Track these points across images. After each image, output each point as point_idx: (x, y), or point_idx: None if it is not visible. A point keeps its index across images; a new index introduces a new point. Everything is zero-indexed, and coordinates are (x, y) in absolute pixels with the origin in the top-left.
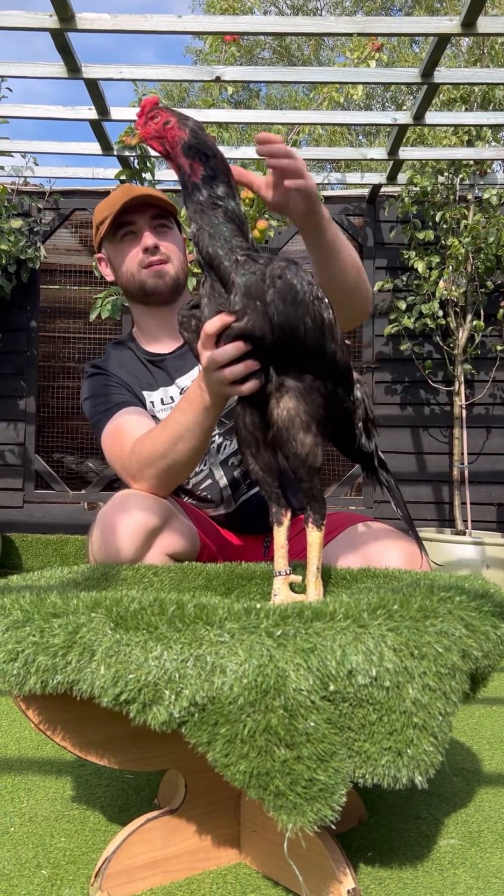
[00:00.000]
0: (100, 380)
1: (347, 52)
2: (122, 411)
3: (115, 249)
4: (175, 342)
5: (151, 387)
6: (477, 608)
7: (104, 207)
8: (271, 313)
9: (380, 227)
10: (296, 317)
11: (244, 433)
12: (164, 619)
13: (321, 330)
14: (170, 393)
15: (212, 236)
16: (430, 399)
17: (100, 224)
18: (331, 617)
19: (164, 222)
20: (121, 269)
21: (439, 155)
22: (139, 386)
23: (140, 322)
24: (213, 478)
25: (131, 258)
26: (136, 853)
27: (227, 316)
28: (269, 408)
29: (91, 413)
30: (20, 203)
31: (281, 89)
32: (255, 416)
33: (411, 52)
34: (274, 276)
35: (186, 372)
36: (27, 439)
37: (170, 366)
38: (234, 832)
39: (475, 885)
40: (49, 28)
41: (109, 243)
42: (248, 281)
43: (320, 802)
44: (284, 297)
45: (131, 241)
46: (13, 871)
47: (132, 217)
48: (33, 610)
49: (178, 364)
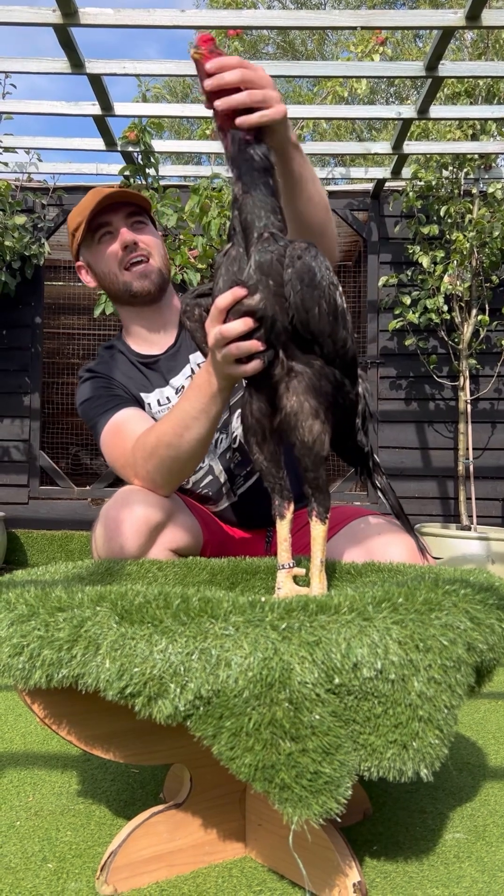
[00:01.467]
0: (97, 382)
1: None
2: (120, 410)
3: (94, 253)
4: (167, 340)
5: (147, 388)
6: (482, 601)
7: (77, 213)
8: (288, 293)
9: (384, 222)
10: (312, 299)
11: (251, 420)
12: (169, 613)
13: (335, 315)
14: (165, 394)
15: (254, 203)
16: (434, 394)
17: (75, 230)
18: (336, 610)
19: (140, 219)
20: (102, 272)
21: (444, 149)
22: (135, 388)
23: (128, 324)
24: (213, 473)
25: (111, 257)
26: (141, 847)
27: (239, 289)
28: (278, 393)
29: (89, 415)
30: (24, 199)
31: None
32: (263, 404)
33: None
34: (294, 256)
35: (179, 371)
36: (32, 436)
37: (163, 366)
38: (239, 826)
39: (481, 879)
40: (52, 23)
41: (87, 248)
42: (264, 259)
43: (326, 795)
44: (302, 277)
45: (109, 242)
46: (19, 865)
47: (107, 218)
48: (38, 604)
49: (171, 364)
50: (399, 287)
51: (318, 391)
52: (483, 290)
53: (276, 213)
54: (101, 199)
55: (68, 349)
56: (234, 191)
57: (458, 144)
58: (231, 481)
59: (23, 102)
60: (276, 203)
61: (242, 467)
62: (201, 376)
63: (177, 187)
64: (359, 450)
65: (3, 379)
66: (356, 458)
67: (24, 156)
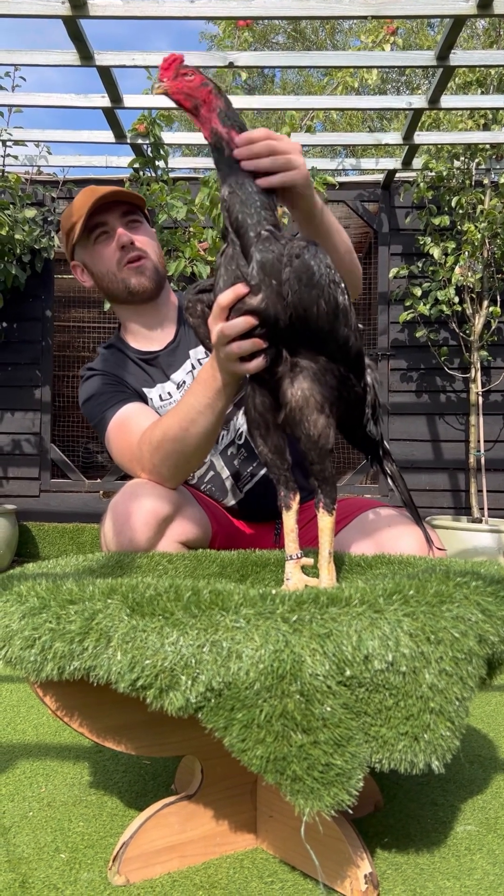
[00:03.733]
0: (99, 379)
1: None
2: (125, 405)
3: (91, 253)
4: (166, 336)
5: (149, 384)
6: (493, 593)
7: (71, 214)
8: (285, 292)
9: (395, 213)
10: (310, 298)
11: (253, 414)
12: (180, 605)
13: (335, 313)
14: (167, 389)
15: (243, 203)
16: (445, 386)
17: (70, 230)
18: (346, 602)
19: (135, 217)
20: (100, 272)
21: (455, 139)
22: (137, 384)
23: (127, 322)
24: (215, 469)
25: (108, 258)
26: (153, 838)
27: (242, 287)
28: (283, 388)
29: (94, 412)
30: (34, 192)
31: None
32: (266, 398)
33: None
34: (292, 255)
35: (179, 366)
36: (43, 428)
37: (163, 362)
38: (250, 817)
39: (492, 871)
40: (61, 15)
41: (83, 248)
42: (265, 258)
43: (337, 787)
44: (300, 277)
45: (105, 242)
46: (32, 855)
47: (102, 217)
48: (50, 597)
49: (171, 360)
50: (410, 278)
51: (322, 385)
52: (495, 282)
53: (267, 208)
54: (96, 200)
55: (79, 342)
56: (221, 193)
57: (469, 134)
58: (237, 479)
59: (32, 95)
60: (266, 199)
61: (248, 463)
62: (206, 371)
63: (186, 179)
64: (369, 439)
65: (13, 372)
66: (367, 446)
67: (34, 149)
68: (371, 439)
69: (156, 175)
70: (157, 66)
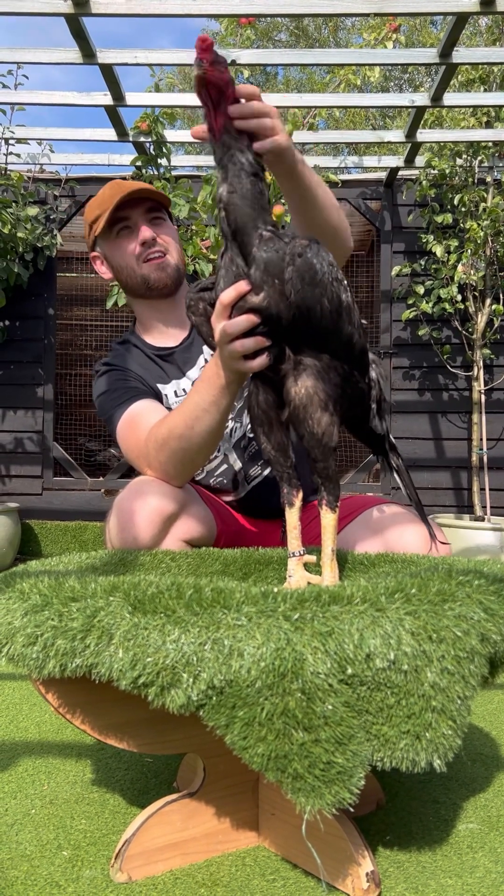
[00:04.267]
0: (114, 375)
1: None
2: (136, 402)
3: (112, 246)
4: (181, 333)
5: (164, 380)
6: (496, 592)
7: (96, 205)
8: (288, 291)
9: (397, 211)
10: (313, 297)
11: (257, 411)
12: (182, 603)
13: (338, 311)
14: (182, 385)
15: (243, 204)
16: (448, 384)
17: (93, 222)
18: (348, 601)
19: (158, 215)
20: (119, 266)
21: (458, 137)
22: (152, 379)
23: (143, 317)
24: (228, 462)
25: (130, 253)
26: (155, 835)
27: (244, 285)
28: (286, 386)
29: (105, 408)
30: (36, 191)
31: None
32: (269, 395)
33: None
34: (295, 253)
35: (195, 363)
36: (45, 427)
37: (178, 359)
38: (252, 815)
39: (494, 870)
40: (63, 13)
41: (105, 241)
42: (270, 258)
43: (338, 785)
44: (303, 275)
45: (128, 237)
46: (35, 853)
47: (126, 212)
48: (52, 594)
49: (187, 356)
50: (412, 276)
51: (326, 383)
52: (497, 280)
53: (266, 210)
54: (124, 195)
55: (81, 340)
56: (219, 193)
57: (472, 132)
58: (246, 472)
59: (35, 93)
60: (265, 202)
61: (258, 457)
62: (210, 370)
63: (189, 177)
64: (375, 434)
65: (16, 370)
66: (372, 441)
67: (37, 147)
68: (376, 434)
69: (158, 173)
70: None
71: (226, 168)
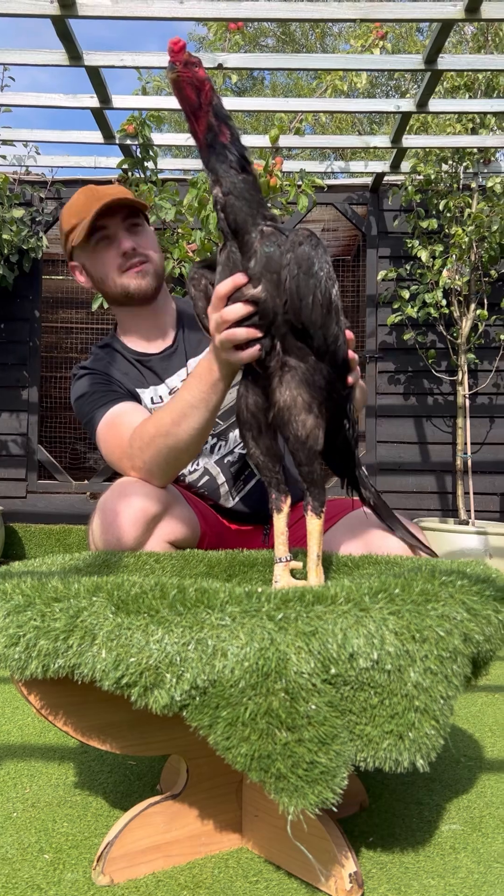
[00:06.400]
0: (92, 378)
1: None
2: (117, 404)
3: (92, 257)
4: (162, 341)
5: (143, 384)
6: (478, 592)
7: (71, 214)
8: (284, 276)
9: (383, 216)
10: (307, 286)
11: (246, 415)
12: (166, 603)
13: (328, 307)
14: (159, 392)
15: (239, 202)
16: (433, 388)
17: (70, 231)
18: (332, 600)
19: (136, 221)
20: (99, 276)
21: (443, 143)
22: (131, 384)
23: (125, 324)
24: (210, 474)
25: (110, 263)
26: (138, 838)
27: (241, 277)
28: (272, 387)
29: (85, 410)
30: (22, 192)
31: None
32: (259, 398)
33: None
34: (296, 242)
35: (174, 372)
36: (30, 429)
37: (157, 366)
38: (235, 817)
39: (476, 870)
40: (50, 14)
41: (83, 251)
42: (272, 252)
43: (321, 785)
44: (300, 263)
45: (107, 247)
46: (16, 856)
47: (104, 221)
48: (34, 594)
49: (166, 365)
50: (398, 281)
51: (311, 386)
52: (482, 285)
53: (262, 204)
54: (101, 207)
55: (66, 343)
56: (214, 194)
57: (457, 138)
58: (231, 485)
59: (21, 95)
60: (258, 194)
61: (241, 472)
62: (202, 366)
63: (176, 181)
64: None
65: (1, 373)
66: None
67: (23, 149)
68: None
69: (144, 176)
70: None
71: (215, 170)
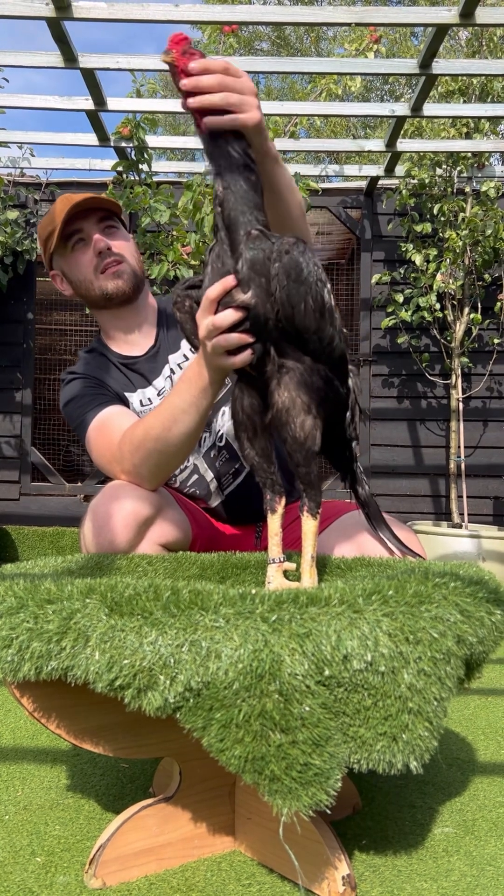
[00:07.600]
0: (81, 382)
1: (346, 43)
2: (106, 408)
3: (69, 261)
4: (146, 341)
5: (130, 388)
6: (472, 594)
7: (47, 222)
8: (274, 287)
9: (377, 220)
10: (298, 294)
11: (241, 416)
12: (159, 605)
13: (321, 311)
14: (147, 394)
15: (236, 199)
16: (427, 392)
17: (47, 239)
18: (326, 602)
19: (111, 223)
20: (77, 280)
21: (437, 147)
22: (119, 388)
23: (107, 327)
24: (199, 472)
25: (86, 265)
26: (130, 840)
27: (231, 280)
28: (270, 389)
29: (74, 415)
30: (16, 194)
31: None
32: (254, 400)
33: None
34: (282, 251)
35: (159, 372)
36: (23, 431)
37: (143, 368)
38: (228, 820)
39: (469, 873)
40: (45, 16)
41: (61, 257)
42: (256, 256)
43: (315, 787)
44: (289, 272)
45: (83, 249)
46: (7, 859)
47: (79, 224)
48: (27, 596)
49: (152, 365)
50: (392, 285)
51: (309, 387)
52: (475, 289)
53: (259, 208)
54: (71, 207)
55: (60, 345)
56: (215, 188)
57: (451, 142)
58: (219, 480)
59: (15, 96)
60: (258, 199)
61: (230, 465)
62: (191, 369)
63: (170, 183)
64: (346, 446)
65: None
66: (343, 457)
67: (17, 150)
68: (349, 447)
69: (139, 178)
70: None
71: (218, 163)
